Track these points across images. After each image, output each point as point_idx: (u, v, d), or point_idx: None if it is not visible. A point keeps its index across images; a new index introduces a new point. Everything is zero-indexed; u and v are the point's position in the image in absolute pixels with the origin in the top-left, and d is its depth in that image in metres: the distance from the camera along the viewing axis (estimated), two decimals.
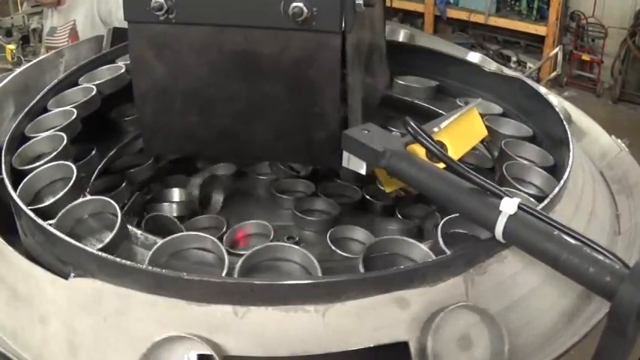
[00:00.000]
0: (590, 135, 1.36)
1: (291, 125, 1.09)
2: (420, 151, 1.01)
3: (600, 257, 0.79)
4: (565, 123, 1.23)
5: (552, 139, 1.28)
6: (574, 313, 0.98)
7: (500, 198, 0.86)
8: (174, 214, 1.42)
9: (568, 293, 0.97)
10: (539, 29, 5.65)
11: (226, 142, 1.12)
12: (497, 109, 1.44)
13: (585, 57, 5.76)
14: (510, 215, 0.85)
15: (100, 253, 0.87)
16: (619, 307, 0.75)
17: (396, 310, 0.84)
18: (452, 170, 0.91)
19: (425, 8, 6.30)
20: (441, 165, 0.98)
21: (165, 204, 1.45)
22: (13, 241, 1.04)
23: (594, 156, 1.30)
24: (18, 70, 1.42)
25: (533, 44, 5.87)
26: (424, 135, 0.93)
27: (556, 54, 5.24)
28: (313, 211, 1.44)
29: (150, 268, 0.85)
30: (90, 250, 0.87)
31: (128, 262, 0.85)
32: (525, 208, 0.86)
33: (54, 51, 1.55)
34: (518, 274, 0.93)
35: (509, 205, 0.85)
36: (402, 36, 1.73)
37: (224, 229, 1.35)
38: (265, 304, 0.82)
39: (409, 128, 0.93)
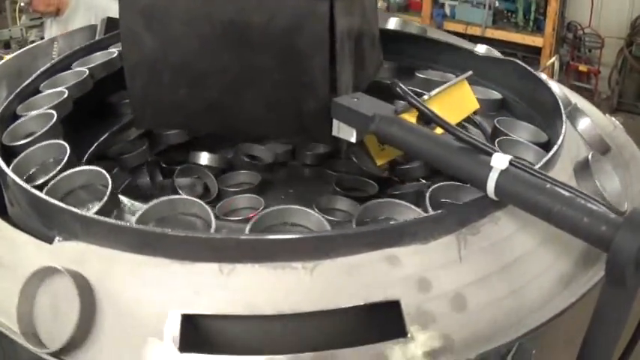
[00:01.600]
0: (585, 114, 1.34)
1: (281, 97, 1.08)
2: (410, 118, 1.01)
3: (595, 207, 0.77)
4: (558, 97, 1.22)
5: (546, 116, 1.27)
6: (571, 278, 0.95)
7: (491, 155, 0.85)
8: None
9: (564, 258, 0.95)
10: (535, 40, 5.67)
11: (216, 115, 1.11)
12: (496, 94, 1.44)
13: (582, 68, 5.78)
14: (502, 170, 0.83)
15: (83, 212, 0.85)
16: (616, 255, 0.73)
17: (386, 267, 0.82)
18: (442, 129, 0.90)
19: (421, 21, 6.34)
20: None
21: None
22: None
23: (590, 132, 1.28)
24: (10, 56, 1.41)
25: (530, 55, 5.88)
26: (413, 95, 0.92)
27: (552, 64, 5.30)
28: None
29: (134, 225, 0.83)
30: (73, 209, 0.86)
31: (111, 220, 0.83)
32: (516, 164, 0.85)
33: (48, 38, 1.55)
34: (513, 236, 0.91)
35: (500, 161, 0.84)
36: (415, 29, 1.72)
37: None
38: (251, 260, 0.81)
39: (398, 89, 0.92)
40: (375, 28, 1.36)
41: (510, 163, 0.84)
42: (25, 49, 1.46)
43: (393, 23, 1.65)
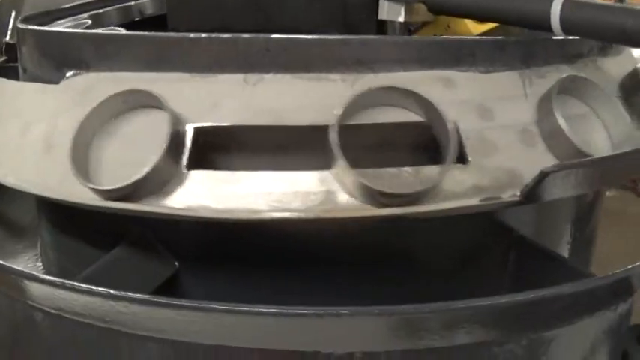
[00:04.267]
0: None
1: None
2: None
3: None
4: None
5: None
6: None
7: None
8: None
9: None
10: None
11: (256, 11, 1.03)
12: None
13: None
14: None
15: (93, 31, 0.76)
16: None
17: (440, 88, 0.69)
18: None
19: None
20: None
21: None
22: None
23: None
24: None
25: None
26: None
27: None
28: None
29: (146, 34, 0.73)
30: (81, 31, 0.76)
31: (122, 33, 0.73)
32: None
33: None
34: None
35: None
36: None
37: None
38: (281, 70, 0.69)
39: None
40: None
41: None
42: None
43: None
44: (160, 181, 0.66)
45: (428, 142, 0.68)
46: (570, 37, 0.80)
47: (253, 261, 0.77)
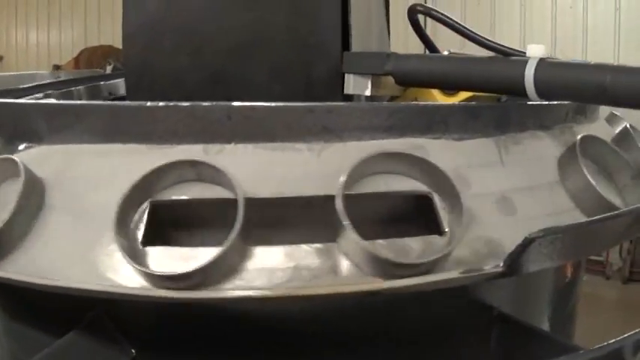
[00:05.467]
0: None
1: (289, 61, 0.99)
2: None
3: None
4: None
5: None
6: None
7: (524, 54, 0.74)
8: None
9: None
10: None
11: (216, 85, 1.01)
12: None
13: None
14: (539, 60, 0.71)
15: (45, 101, 0.72)
16: None
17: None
18: (469, 38, 0.79)
19: None
20: None
21: None
22: None
23: None
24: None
25: None
26: (437, 10, 0.83)
27: None
28: None
29: (104, 102, 0.69)
30: (33, 102, 0.72)
31: (75, 102, 0.69)
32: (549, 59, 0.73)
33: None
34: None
35: (536, 50, 0.72)
36: None
37: None
38: (244, 139, 0.65)
39: (418, 7, 0.84)
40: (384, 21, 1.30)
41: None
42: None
43: None
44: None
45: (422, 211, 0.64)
46: (546, 102, 0.78)
47: (222, 346, 0.70)
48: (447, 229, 0.61)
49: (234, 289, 0.58)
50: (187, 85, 1.03)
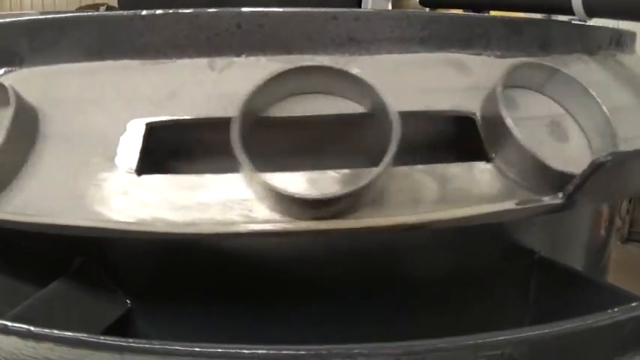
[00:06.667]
0: None
1: None
2: None
3: None
4: None
5: None
6: None
7: None
8: None
9: None
10: None
11: None
12: None
13: None
14: None
15: (24, 18, 0.62)
16: None
17: (453, 74, 0.57)
18: None
19: None
20: None
21: None
22: None
23: None
24: None
25: None
26: None
27: None
28: None
29: (91, 13, 0.60)
30: (11, 20, 0.62)
31: (58, 16, 0.59)
32: None
33: None
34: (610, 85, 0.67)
35: None
36: None
37: None
38: (256, 51, 0.55)
39: None
40: None
41: None
42: None
43: None
44: None
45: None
46: (590, 24, 0.69)
47: (222, 291, 0.62)
48: (493, 155, 0.53)
49: (247, 222, 0.49)
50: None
